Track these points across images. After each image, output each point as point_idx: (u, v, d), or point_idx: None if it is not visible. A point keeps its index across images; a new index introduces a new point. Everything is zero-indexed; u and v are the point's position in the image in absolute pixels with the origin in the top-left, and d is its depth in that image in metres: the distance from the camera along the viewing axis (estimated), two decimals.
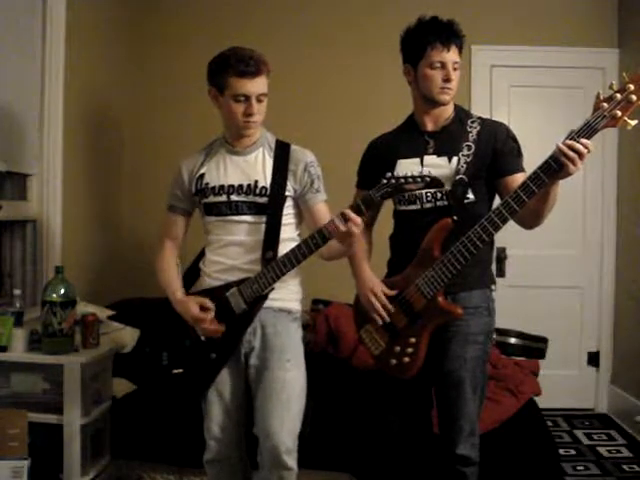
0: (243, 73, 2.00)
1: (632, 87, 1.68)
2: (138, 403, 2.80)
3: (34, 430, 2.41)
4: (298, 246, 1.99)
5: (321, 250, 2.00)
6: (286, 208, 2.12)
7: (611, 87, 1.72)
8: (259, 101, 2.06)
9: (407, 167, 2.10)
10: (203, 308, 2.08)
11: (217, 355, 2.09)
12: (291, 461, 2.02)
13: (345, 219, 1.88)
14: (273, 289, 2.05)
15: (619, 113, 1.69)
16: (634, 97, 1.68)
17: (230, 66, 2.02)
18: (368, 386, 2.75)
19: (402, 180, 1.86)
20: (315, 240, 1.95)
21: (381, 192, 1.88)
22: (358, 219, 1.87)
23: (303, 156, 2.15)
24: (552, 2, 4.01)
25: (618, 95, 1.69)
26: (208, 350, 2.10)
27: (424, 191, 2.07)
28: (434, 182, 1.89)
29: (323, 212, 2.13)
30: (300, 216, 2.19)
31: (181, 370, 2.15)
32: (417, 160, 2.09)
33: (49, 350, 2.46)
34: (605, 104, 1.71)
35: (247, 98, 2.03)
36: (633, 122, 1.71)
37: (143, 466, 2.72)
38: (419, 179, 1.86)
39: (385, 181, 1.87)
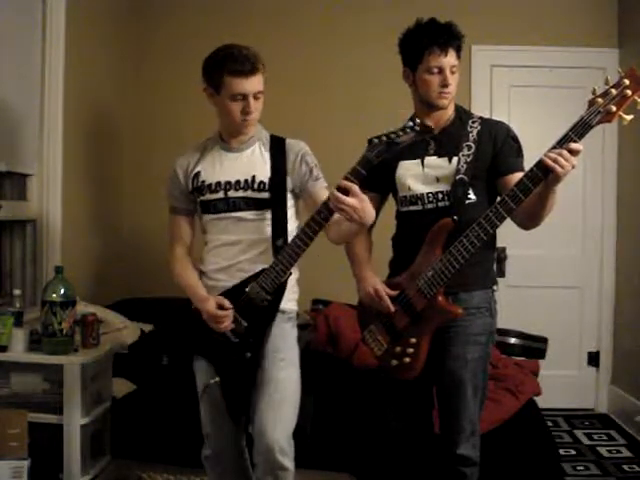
0: (239, 73, 2.00)
1: (627, 82, 1.67)
2: (138, 403, 2.80)
3: (34, 430, 2.40)
4: (307, 224, 1.95)
5: (329, 232, 1.98)
6: (287, 200, 2.11)
7: (606, 82, 1.71)
8: (256, 99, 2.05)
9: (408, 168, 2.11)
10: (221, 308, 2.05)
11: (252, 353, 2.06)
12: (286, 461, 2.00)
13: (343, 191, 1.82)
14: (291, 274, 2.03)
15: (614, 108, 1.68)
16: (629, 92, 1.67)
17: (225, 66, 2.01)
18: (368, 386, 2.75)
19: (392, 135, 1.83)
20: (323, 214, 1.90)
21: (375, 151, 1.83)
22: (355, 186, 1.82)
23: (298, 147, 2.14)
24: (552, 2, 4.01)
25: (613, 90, 1.68)
26: (241, 351, 2.07)
27: (425, 192, 2.08)
28: (423, 129, 1.84)
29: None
30: (298, 210, 2.19)
31: (218, 379, 2.11)
32: (418, 161, 2.10)
33: (49, 350, 2.45)
34: (600, 99, 1.70)
35: (244, 97, 2.03)
36: (629, 117, 1.70)
37: (143, 466, 2.72)
38: (408, 129, 1.82)
39: (376, 140, 1.84)
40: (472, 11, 3.81)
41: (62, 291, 2.45)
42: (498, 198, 1.97)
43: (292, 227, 2.14)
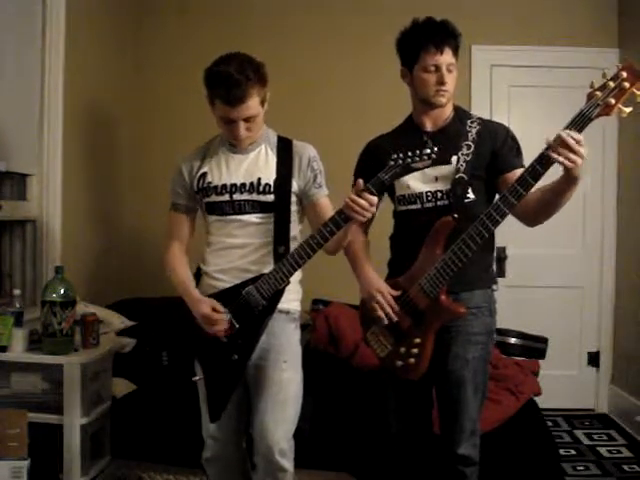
0: (227, 101, 1.97)
1: (625, 74, 1.68)
2: (138, 403, 2.80)
3: (34, 430, 2.40)
4: (311, 236, 1.95)
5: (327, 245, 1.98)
6: (291, 204, 2.11)
7: (604, 76, 1.72)
8: (247, 121, 2.02)
9: None
10: (215, 310, 2.04)
11: (239, 356, 2.05)
12: (286, 462, 2.00)
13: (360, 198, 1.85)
14: (289, 283, 2.02)
15: (613, 101, 1.69)
16: (627, 84, 1.68)
17: (216, 89, 1.98)
18: (368, 386, 2.75)
19: (409, 160, 1.84)
20: (329, 228, 1.91)
21: (390, 173, 1.85)
22: (374, 199, 1.86)
23: (306, 150, 2.14)
24: (552, 2, 4.01)
25: (611, 83, 1.69)
26: (229, 352, 2.05)
27: (424, 191, 2.07)
28: (440, 157, 1.89)
29: (326, 207, 2.11)
30: (302, 213, 2.18)
31: (201, 377, 2.11)
32: None
33: (49, 350, 2.46)
34: (599, 93, 1.71)
35: (232, 121, 2.02)
36: (627, 109, 1.71)
37: (143, 466, 2.72)
38: (425, 157, 1.84)
39: (392, 162, 1.85)
40: (472, 11, 3.81)
41: (62, 291, 2.45)
42: (497, 195, 1.97)
43: (295, 232, 2.14)
